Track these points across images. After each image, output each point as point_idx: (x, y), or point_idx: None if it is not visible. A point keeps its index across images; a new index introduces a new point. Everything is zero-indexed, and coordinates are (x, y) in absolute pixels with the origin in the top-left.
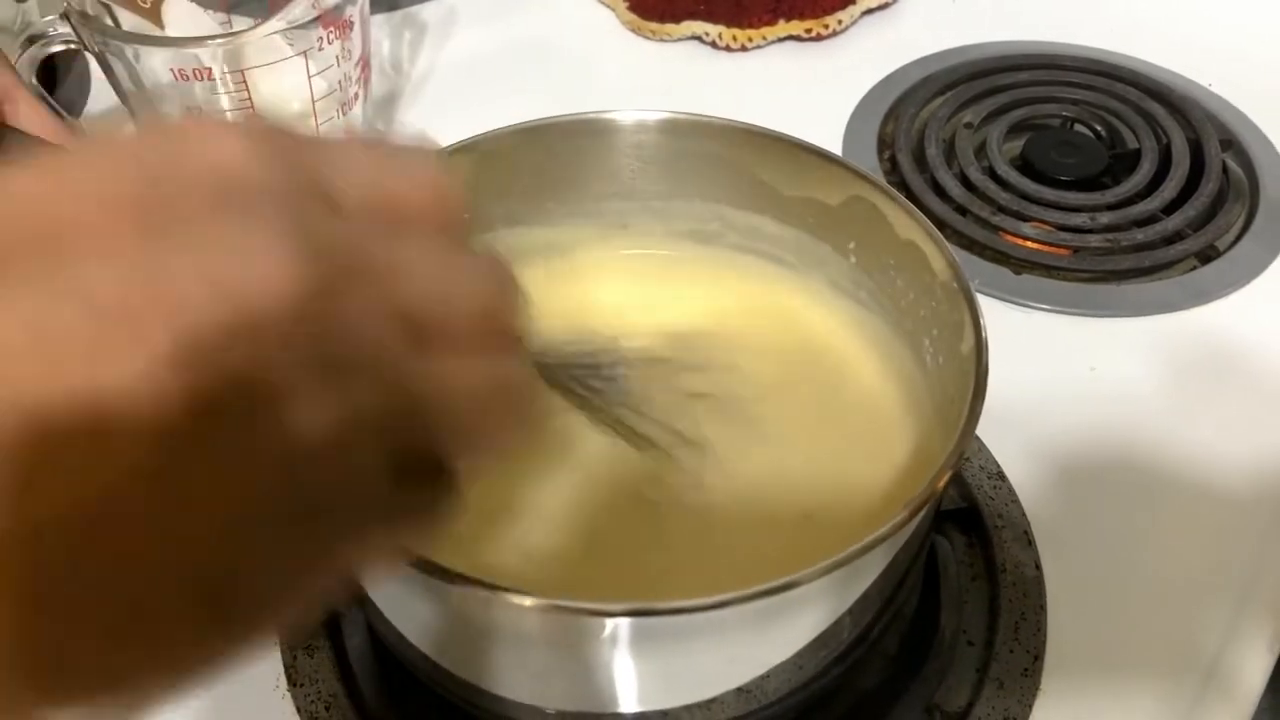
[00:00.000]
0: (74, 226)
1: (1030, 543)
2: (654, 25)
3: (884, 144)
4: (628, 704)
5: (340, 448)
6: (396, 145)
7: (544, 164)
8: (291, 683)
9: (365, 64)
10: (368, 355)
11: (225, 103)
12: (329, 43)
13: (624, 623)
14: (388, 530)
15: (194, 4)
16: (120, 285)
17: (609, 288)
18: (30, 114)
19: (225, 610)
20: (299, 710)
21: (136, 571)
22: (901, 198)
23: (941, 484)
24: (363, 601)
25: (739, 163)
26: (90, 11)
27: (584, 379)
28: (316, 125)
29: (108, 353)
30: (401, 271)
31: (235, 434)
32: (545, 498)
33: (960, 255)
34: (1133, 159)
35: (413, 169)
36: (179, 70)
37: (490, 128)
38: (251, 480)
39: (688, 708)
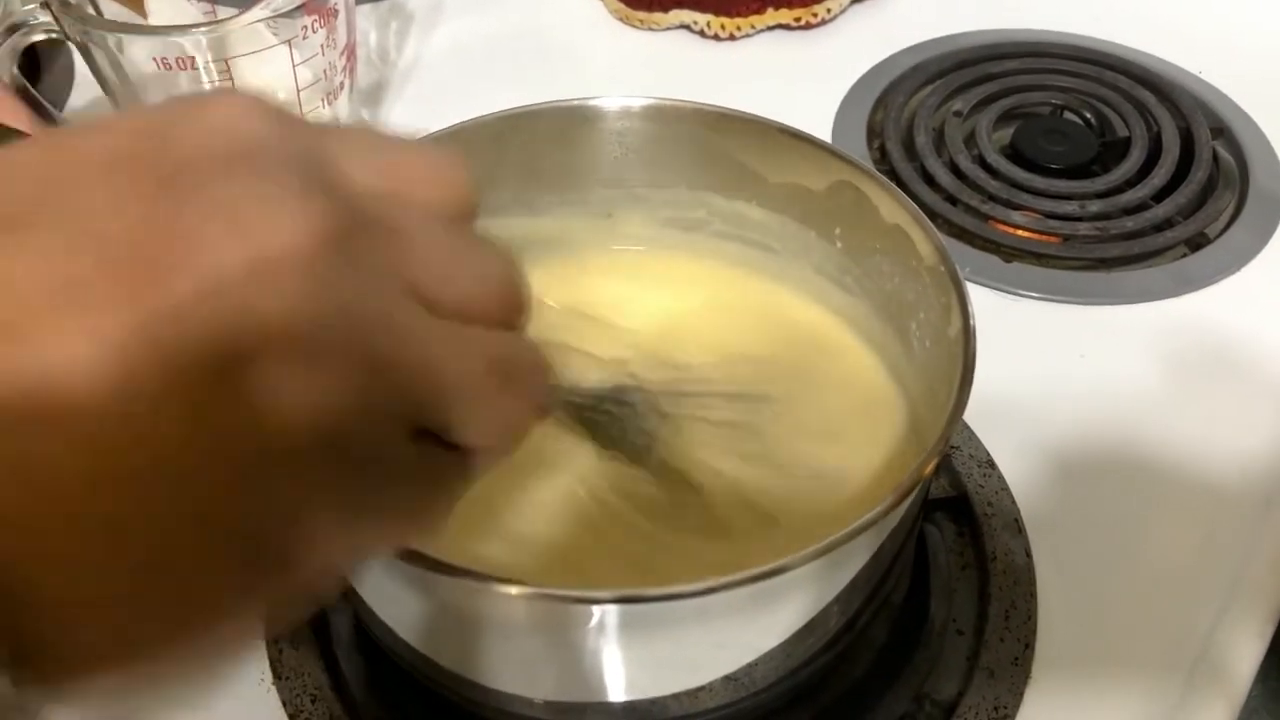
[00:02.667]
0: (81, 185)
1: (1020, 531)
2: (642, 14)
3: (873, 132)
4: (616, 692)
5: (362, 401)
6: (406, 136)
7: (527, 152)
8: (277, 676)
9: (351, 53)
10: (383, 310)
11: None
12: (314, 31)
13: (611, 610)
14: (407, 495)
15: None
16: (134, 231)
17: (593, 275)
18: (5, 105)
19: (254, 568)
20: (285, 704)
21: (160, 523)
22: (887, 182)
23: (928, 470)
24: (348, 594)
25: (724, 149)
26: (72, 0)
27: (598, 410)
28: (301, 114)
29: (126, 296)
30: (415, 243)
31: (261, 378)
32: (532, 486)
33: (950, 243)
34: (1122, 147)
35: (423, 158)
36: (162, 60)
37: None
38: (278, 425)
39: (676, 696)
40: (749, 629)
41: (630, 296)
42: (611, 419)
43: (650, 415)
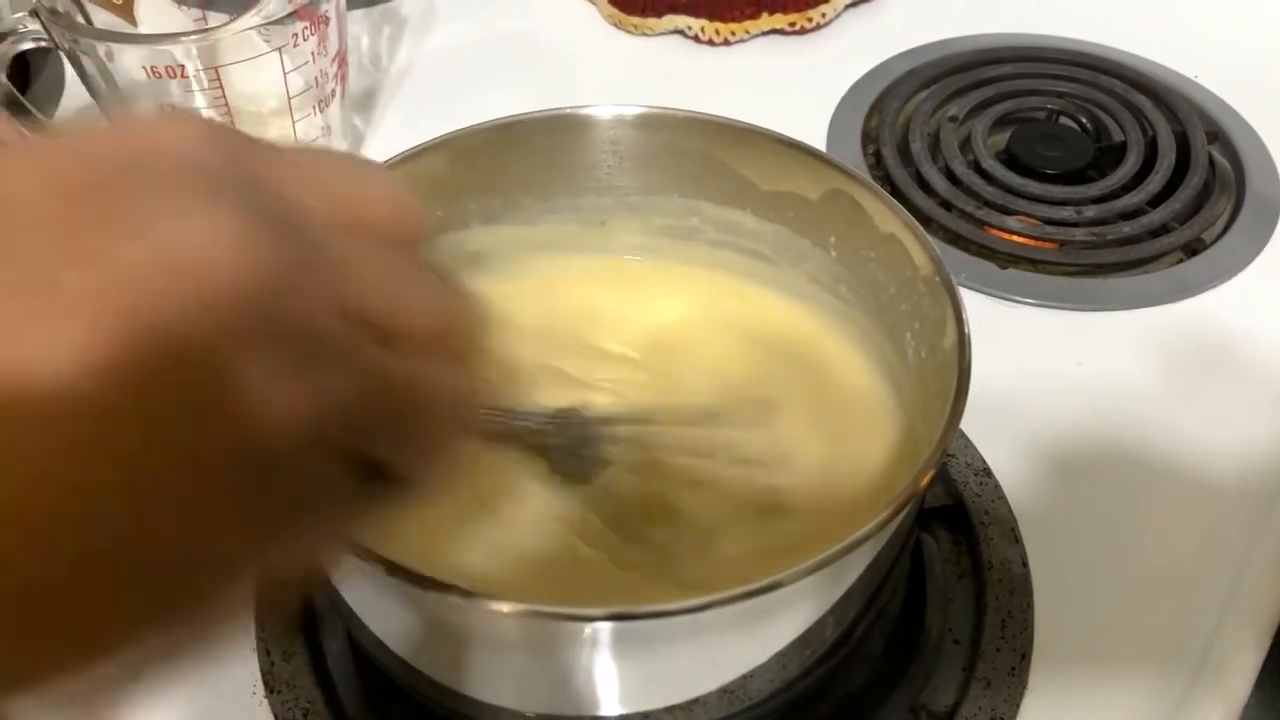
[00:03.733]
0: (15, 203)
1: (1017, 539)
2: (636, 19)
3: (868, 138)
4: (609, 707)
5: (293, 428)
6: (356, 159)
7: (520, 160)
8: (269, 689)
9: (343, 60)
10: (320, 339)
11: (200, 100)
12: (305, 38)
13: (604, 627)
14: (338, 520)
15: (168, 0)
16: (62, 257)
17: (586, 284)
18: None
19: (164, 594)
20: (277, 717)
21: (56, 550)
22: (881, 191)
23: (924, 482)
24: (340, 608)
25: (717, 157)
26: (61, 8)
27: (545, 433)
28: (294, 122)
29: (43, 325)
30: (356, 269)
31: (184, 410)
32: (522, 499)
33: (945, 250)
34: (1118, 152)
35: (372, 183)
36: (152, 68)
37: (470, 123)
38: (200, 459)
39: (669, 709)
40: (743, 643)
41: (623, 305)
42: (559, 444)
43: (600, 440)
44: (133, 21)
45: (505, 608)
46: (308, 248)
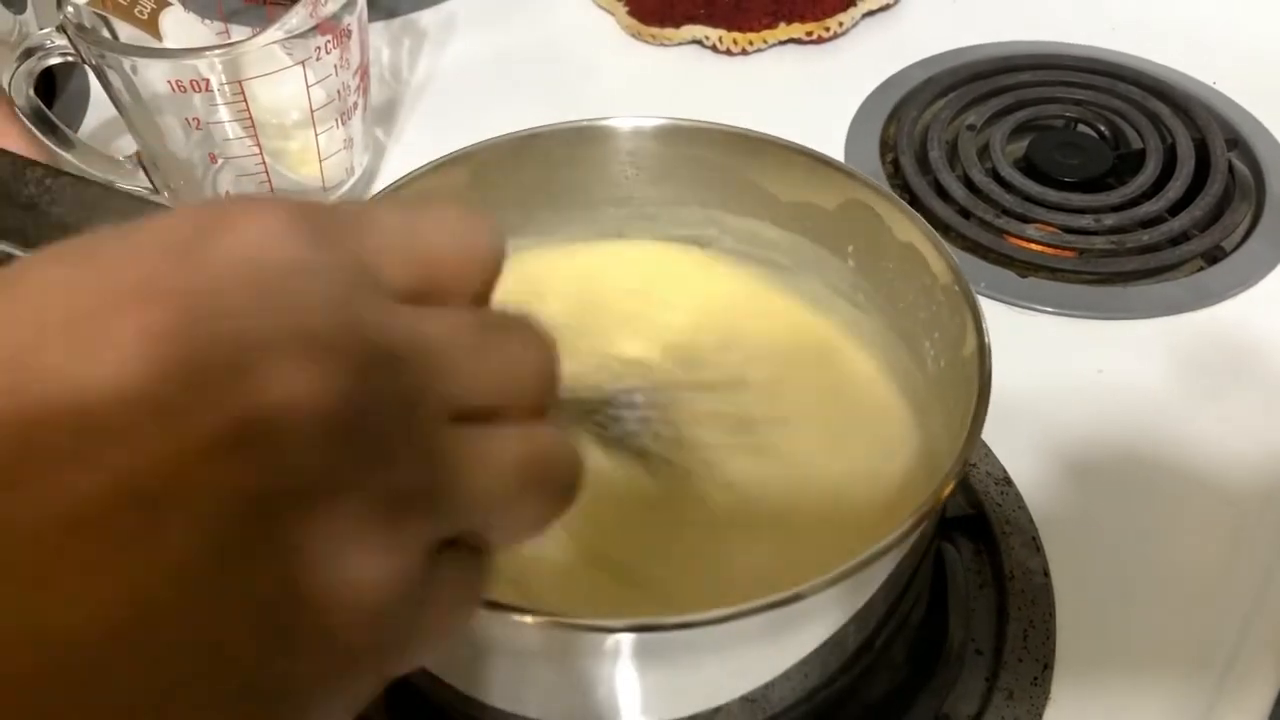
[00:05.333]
0: (107, 312)
1: (1039, 549)
2: (654, 30)
3: (886, 147)
4: (631, 716)
5: (384, 529)
6: (438, 211)
7: (540, 172)
8: None
9: (364, 72)
10: (413, 434)
11: (224, 114)
12: (327, 52)
13: (627, 638)
14: (429, 611)
15: (191, 15)
16: (161, 367)
17: (607, 296)
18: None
19: (265, 708)
20: None
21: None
22: (899, 200)
23: (946, 493)
24: None
25: (735, 168)
26: (87, 23)
27: (602, 413)
28: (316, 135)
29: (153, 442)
30: (448, 358)
31: (290, 524)
32: None
33: (964, 258)
34: (1137, 159)
35: (456, 238)
36: (176, 82)
37: (491, 134)
38: (311, 573)
39: (692, 718)
40: (766, 653)
41: (639, 316)
42: (615, 421)
43: (655, 419)
44: (157, 36)
45: (529, 619)
46: (394, 353)
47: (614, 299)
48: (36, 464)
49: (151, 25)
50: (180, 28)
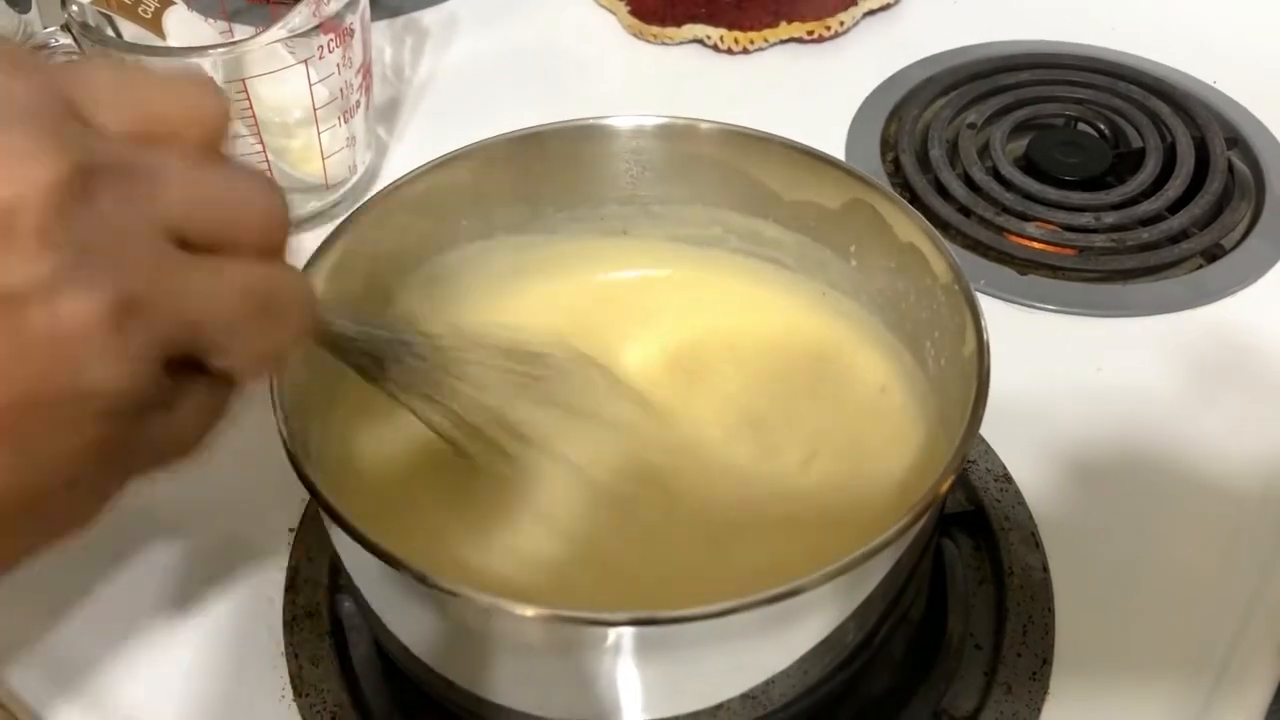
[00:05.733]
0: None
1: (1038, 545)
2: (655, 29)
3: (887, 145)
4: (632, 712)
5: (109, 341)
6: (155, 66)
7: (543, 170)
8: (297, 693)
9: (367, 71)
10: (128, 252)
11: None
12: (330, 50)
13: (627, 632)
14: (171, 423)
15: (195, 14)
16: None
17: (609, 292)
18: None
19: (48, 529)
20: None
21: None
22: (902, 200)
23: (944, 488)
24: (365, 613)
25: (738, 167)
26: (92, 22)
27: (385, 354)
28: (319, 133)
29: None
30: (162, 177)
31: (6, 333)
32: (544, 506)
33: (964, 256)
34: (1137, 158)
35: (172, 91)
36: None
37: (492, 133)
38: (18, 372)
39: (693, 715)
40: (766, 648)
41: (644, 314)
42: (396, 364)
43: (436, 374)
44: (161, 35)
45: (529, 612)
46: (111, 169)
47: (617, 297)
48: None
49: (155, 24)
50: (184, 26)
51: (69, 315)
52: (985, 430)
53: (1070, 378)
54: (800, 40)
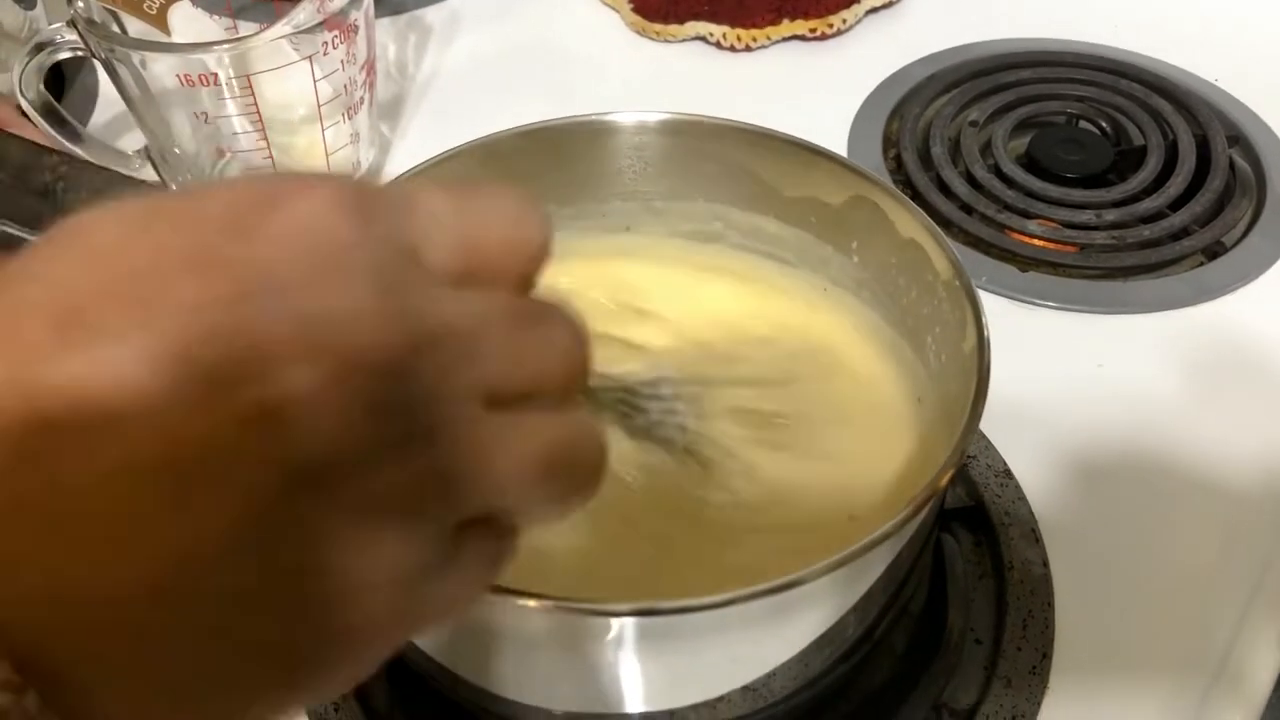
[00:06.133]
0: (162, 278)
1: (1038, 540)
2: (658, 26)
3: (889, 143)
4: (634, 704)
5: (411, 506)
6: (477, 191)
7: (546, 166)
8: None
9: (370, 68)
10: (445, 416)
11: (231, 108)
12: (334, 47)
13: (629, 622)
14: (447, 586)
15: (200, 10)
16: (211, 339)
17: (611, 288)
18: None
19: (283, 667)
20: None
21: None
22: (903, 197)
23: (943, 482)
24: None
25: (740, 163)
26: (97, 18)
27: (629, 401)
28: (323, 129)
29: (197, 411)
30: (485, 341)
31: (316, 491)
32: None
33: (966, 253)
34: (1138, 155)
35: (502, 222)
36: (185, 76)
37: (496, 130)
38: (327, 534)
39: (695, 707)
40: (766, 640)
41: (647, 310)
42: (641, 411)
43: (681, 410)
44: (166, 31)
45: (532, 603)
46: (437, 333)
47: (619, 293)
48: (83, 428)
49: (160, 20)
50: (188, 23)
51: (383, 490)
52: (986, 426)
53: (1071, 374)
54: (803, 38)
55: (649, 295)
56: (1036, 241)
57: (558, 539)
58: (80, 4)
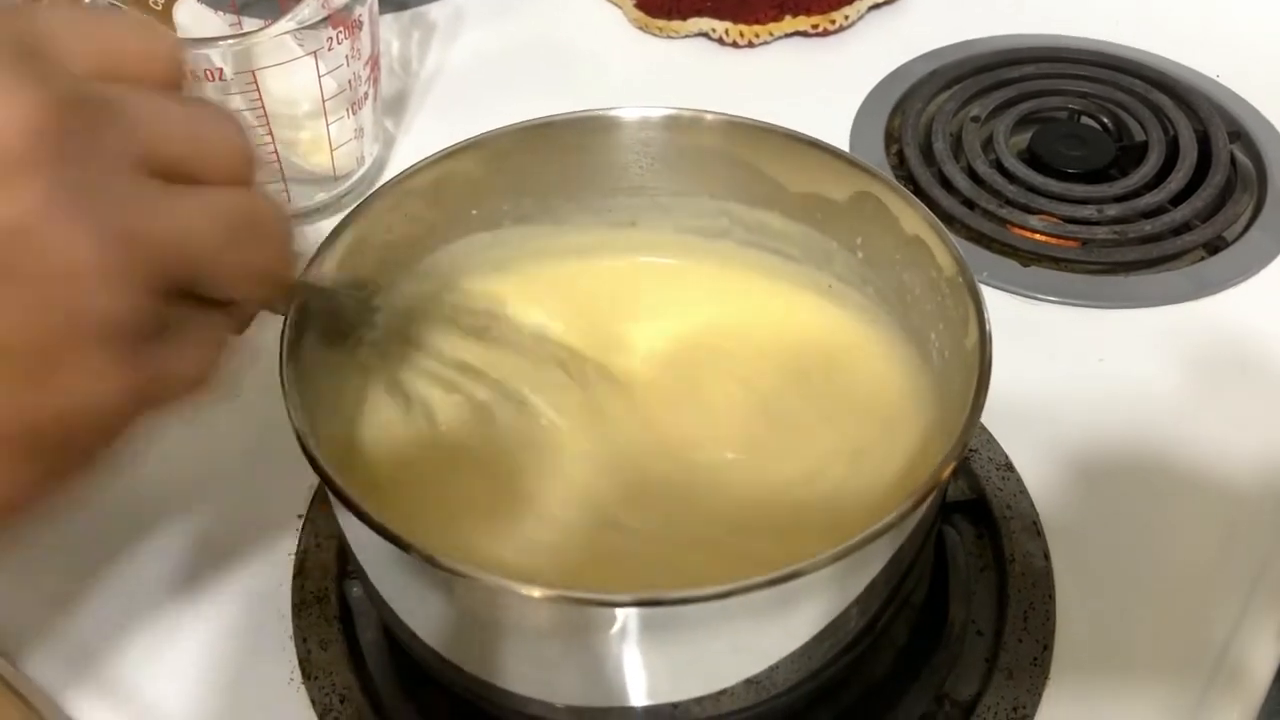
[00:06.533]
0: None
1: (1039, 533)
2: (661, 22)
3: (891, 138)
4: (637, 697)
5: (116, 278)
6: (111, 12)
7: (551, 161)
8: (306, 676)
9: (375, 63)
10: (115, 187)
11: (237, 103)
12: (338, 42)
13: (632, 613)
14: (183, 355)
15: (204, 5)
16: None
17: (617, 283)
18: None
19: (58, 459)
20: (313, 703)
21: None
22: (907, 192)
23: (945, 474)
24: (373, 598)
25: (745, 159)
26: None
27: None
28: (327, 124)
29: None
30: (132, 111)
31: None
32: (552, 491)
33: (968, 248)
34: (1140, 151)
35: (131, 33)
36: (190, 71)
37: (499, 125)
38: (21, 305)
39: (697, 700)
40: (769, 631)
41: (652, 305)
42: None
43: (395, 329)
44: (171, 26)
45: (535, 593)
46: (86, 105)
47: (624, 288)
48: None
49: (165, 16)
50: (194, 18)
51: (67, 246)
52: (987, 420)
53: (1073, 369)
54: (805, 34)
55: (654, 290)
56: (1038, 236)
57: (548, 533)
58: (87, 1)
